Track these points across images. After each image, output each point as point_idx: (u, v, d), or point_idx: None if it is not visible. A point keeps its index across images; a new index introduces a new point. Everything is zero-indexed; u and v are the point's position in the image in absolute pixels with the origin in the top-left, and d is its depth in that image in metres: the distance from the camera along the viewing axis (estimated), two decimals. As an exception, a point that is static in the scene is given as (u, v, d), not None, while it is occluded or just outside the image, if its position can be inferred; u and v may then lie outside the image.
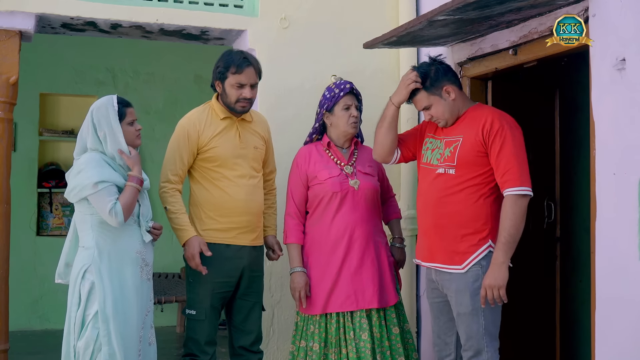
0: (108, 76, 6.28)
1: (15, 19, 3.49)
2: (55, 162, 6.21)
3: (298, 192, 3.36)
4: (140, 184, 2.89)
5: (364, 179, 3.32)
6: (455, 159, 2.93)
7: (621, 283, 2.61)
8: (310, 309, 3.25)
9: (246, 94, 3.20)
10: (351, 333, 3.18)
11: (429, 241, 3.02)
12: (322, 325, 3.22)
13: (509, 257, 2.78)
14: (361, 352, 3.15)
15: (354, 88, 3.36)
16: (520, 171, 2.80)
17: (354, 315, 3.21)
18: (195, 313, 3.22)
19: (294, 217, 3.35)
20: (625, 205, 2.59)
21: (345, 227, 3.25)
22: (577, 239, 4.35)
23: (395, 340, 3.26)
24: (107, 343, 2.77)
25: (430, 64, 3.04)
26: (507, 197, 2.81)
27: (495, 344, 2.90)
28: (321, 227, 3.29)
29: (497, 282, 2.75)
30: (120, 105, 2.92)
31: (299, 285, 3.24)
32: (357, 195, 3.28)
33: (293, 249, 3.32)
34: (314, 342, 3.22)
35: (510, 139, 2.83)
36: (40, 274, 5.88)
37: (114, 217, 2.78)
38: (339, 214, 3.27)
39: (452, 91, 2.98)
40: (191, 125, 3.23)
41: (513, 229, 2.78)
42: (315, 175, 3.32)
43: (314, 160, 3.35)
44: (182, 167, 3.22)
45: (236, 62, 3.19)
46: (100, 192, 2.78)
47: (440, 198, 2.94)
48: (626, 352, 2.59)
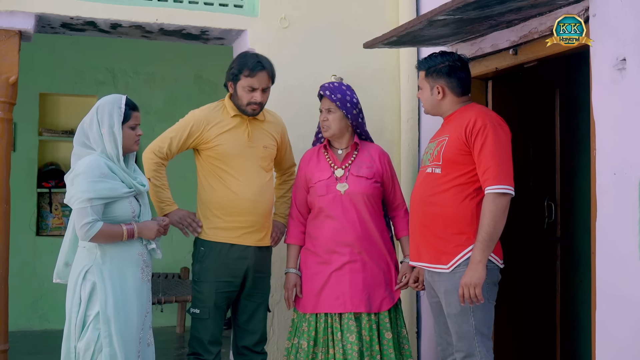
0: (108, 76, 6.28)
1: (15, 18, 3.49)
2: (55, 162, 6.21)
3: (298, 194, 3.39)
4: (131, 237, 2.84)
5: (355, 182, 3.27)
6: (440, 157, 2.93)
7: (621, 283, 2.61)
8: (302, 307, 3.28)
9: (257, 97, 3.21)
10: (338, 334, 3.18)
11: (416, 240, 3.03)
12: (312, 324, 3.24)
13: (486, 255, 2.77)
14: (348, 354, 3.14)
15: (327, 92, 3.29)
16: (499, 169, 2.78)
17: (342, 317, 3.20)
18: (199, 312, 3.23)
19: (294, 218, 3.39)
20: (625, 205, 2.58)
21: (334, 230, 3.25)
22: (577, 239, 4.34)
23: (387, 345, 3.23)
24: (108, 344, 2.76)
25: (448, 58, 3.02)
26: (486, 195, 2.79)
27: (488, 343, 2.88)
28: (315, 227, 3.31)
29: (473, 281, 2.74)
30: (127, 107, 2.90)
31: (287, 286, 3.33)
32: (344, 199, 3.26)
33: (290, 250, 3.38)
34: (303, 340, 3.24)
35: (491, 137, 2.81)
36: (40, 274, 5.88)
37: (85, 231, 2.73)
38: (330, 216, 3.27)
39: (442, 92, 3.00)
40: (197, 120, 3.25)
41: (490, 227, 2.75)
42: (310, 177, 3.35)
43: (312, 163, 3.38)
44: (170, 150, 3.24)
45: (249, 66, 3.19)
46: (85, 209, 2.74)
47: (427, 197, 2.95)
48: (626, 352, 2.59)
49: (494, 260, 2.88)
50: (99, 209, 2.77)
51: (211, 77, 6.36)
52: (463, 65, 3.04)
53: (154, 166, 3.22)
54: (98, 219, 2.76)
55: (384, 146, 3.58)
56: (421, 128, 4.11)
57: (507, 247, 3.09)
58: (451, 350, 3.02)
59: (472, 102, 3.09)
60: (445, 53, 3.08)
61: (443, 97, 3.01)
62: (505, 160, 2.82)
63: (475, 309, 2.83)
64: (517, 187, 2.87)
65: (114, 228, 2.80)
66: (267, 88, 3.26)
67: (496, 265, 2.90)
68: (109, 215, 2.81)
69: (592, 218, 2.76)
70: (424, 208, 2.96)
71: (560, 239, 4.17)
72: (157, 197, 3.22)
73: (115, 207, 2.83)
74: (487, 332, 2.89)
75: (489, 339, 2.90)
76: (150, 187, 3.20)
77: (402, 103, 4.16)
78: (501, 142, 2.83)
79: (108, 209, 2.81)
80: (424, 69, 3.06)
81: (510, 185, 2.79)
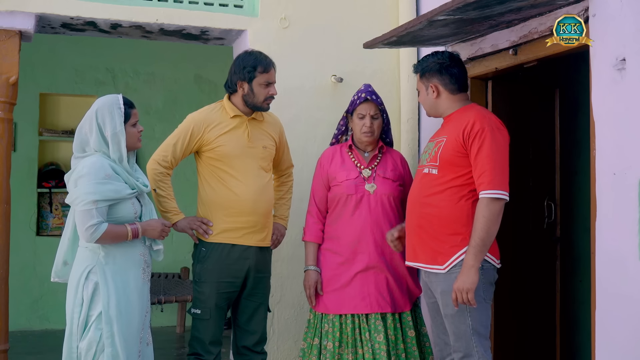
0: (108, 76, 6.28)
1: (15, 19, 3.49)
2: (55, 162, 6.21)
3: (319, 192, 3.41)
4: (135, 237, 2.85)
5: (382, 184, 3.32)
6: (437, 158, 2.93)
7: (621, 283, 2.61)
8: (324, 308, 3.28)
9: (274, 91, 3.29)
10: (367, 334, 3.21)
11: (412, 241, 3.03)
12: (336, 324, 3.25)
13: (479, 260, 2.76)
14: (377, 353, 3.18)
15: (372, 97, 3.32)
16: (494, 174, 2.77)
17: (369, 317, 3.23)
18: (200, 312, 3.24)
19: (313, 216, 3.41)
20: (625, 205, 2.58)
21: (361, 229, 3.27)
22: (577, 239, 4.35)
23: (411, 343, 3.28)
24: (111, 344, 2.76)
25: (438, 57, 3.04)
26: (480, 199, 2.78)
27: (486, 343, 2.88)
28: (338, 227, 3.33)
29: (465, 286, 2.73)
30: (126, 106, 2.89)
31: (309, 283, 3.32)
32: (372, 199, 3.30)
33: (309, 247, 3.39)
34: (328, 340, 3.24)
35: (489, 141, 2.80)
36: (40, 274, 5.87)
37: (90, 233, 2.72)
38: (355, 216, 3.29)
39: (437, 90, 3.00)
40: (197, 122, 3.26)
41: (483, 232, 2.74)
42: (334, 176, 3.36)
43: (336, 162, 3.39)
44: (174, 157, 3.25)
45: (263, 62, 3.26)
46: (90, 211, 2.73)
47: (423, 198, 2.95)
48: (626, 352, 2.59)
49: (490, 260, 2.88)
50: (103, 211, 2.77)
51: (211, 77, 6.36)
52: (454, 61, 3.03)
53: (158, 176, 3.23)
54: (103, 220, 2.76)
55: (383, 146, 3.59)
56: (421, 128, 4.11)
57: (507, 247, 3.09)
58: (449, 350, 3.02)
59: (473, 102, 3.09)
60: (436, 53, 3.10)
61: (438, 95, 3.01)
62: (501, 165, 2.81)
63: (472, 309, 2.83)
64: (517, 187, 2.88)
65: (119, 229, 2.80)
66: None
67: (492, 265, 2.90)
68: (112, 217, 2.81)
69: (592, 218, 2.76)
70: (420, 209, 2.97)
71: (560, 239, 4.17)
72: (163, 207, 3.23)
73: (118, 208, 2.83)
74: (485, 332, 2.89)
75: (487, 338, 2.90)
76: (156, 198, 3.21)
77: (402, 103, 4.16)
78: (498, 146, 2.82)
79: (111, 210, 2.81)
80: (418, 71, 3.09)
81: (505, 190, 2.78)
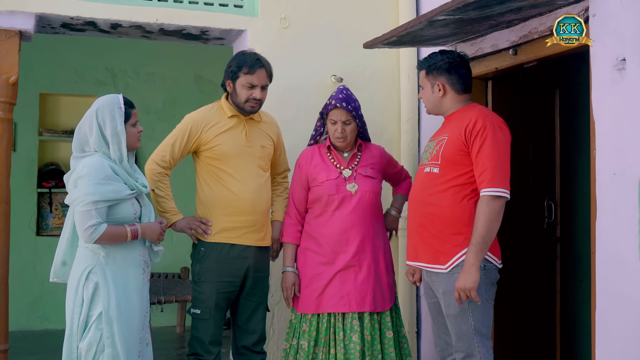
0: (108, 76, 6.28)
1: (15, 19, 3.49)
2: (55, 162, 6.21)
3: (297, 193, 3.38)
4: (134, 238, 2.84)
5: (364, 183, 3.31)
6: (439, 157, 2.93)
7: (621, 283, 2.61)
8: (304, 307, 3.27)
9: (256, 94, 3.24)
10: (341, 334, 3.18)
11: (413, 240, 3.03)
12: (313, 324, 3.23)
13: (480, 258, 2.76)
14: (350, 353, 3.15)
15: (342, 104, 3.24)
16: (495, 172, 2.77)
17: (346, 317, 3.21)
18: (200, 312, 3.23)
19: (291, 217, 3.38)
20: (625, 205, 2.58)
21: (342, 229, 3.25)
22: (577, 239, 4.35)
23: (388, 344, 3.25)
24: (111, 345, 2.76)
25: (448, 56, 3.03)
26: (481, 197, 2.79)
27: (487, 343, 2.88)
28: (319, 227, 3.30)
29: (467, 285, 2.73)
30: (127, 106, 2.89)
31: (286, 285, 3.31)
32: (354, 199, 3.27)
33: (287, 248, 3.37)
34: (304, 340, 3.23)
35: (490, 139, 2.80)
36: (40, 274, 5.87)
37: (89, 233, 2.72)
38: (335, 216, 3.27)
39: (443, 89, 3.00)
40: (195, 122, 3.26)
41: (484, 230, 2.74)
42: (314, 176, 3.34)
43: (315, 162, 3.37)
44: (173, 157, 3.26)
45: (249, 63, 3.22)
46: (89, 211, 2.73)
47: (425, 197, 2.95)
48: (626, 352, 2.59)
49: (491, 260, 2.87)
50: (103, 211, 2.77)
51: (211, 77, 6.36)
52: (463, 62, 3.04)
53: (157, 177, 3.23)
54: (102, 221, 2.75)
55: (384, 146, 3.59)
56: (421, 128, 4.11)
57: (508, 247, 3.09)
58: (450, 351, 3.02)
59: (474, 102, 3.09)
60: (445, 51, 3.09)
61: (444, 94, 3.01)
62: (503, 163, 2.81)
63: (473, 309, 2.83)
64: (517, 187, 2.88)
65: (118, 229, 2.80)
66: (266, 86, 3.29)
67: (494, 265, 2.90)
68: (112, 217, 2.81)
69: (592, 218, 2.76)
70: (421, 208, 2.96)
71: (560, 238, 4.17)
72: (162, 207, 3.23)
73: (118, 209, 2.83)
74: (486, 332, 2.89)
75: (488, 338, 2.90)
76: (154, 198, 3.21)
77: (402, 103, 4.16)
78: (500, 144, 2.82)
79: (111, 210, 2.81)
80: (425, 67, 3.07)
81: (506, 188, 2.78)
